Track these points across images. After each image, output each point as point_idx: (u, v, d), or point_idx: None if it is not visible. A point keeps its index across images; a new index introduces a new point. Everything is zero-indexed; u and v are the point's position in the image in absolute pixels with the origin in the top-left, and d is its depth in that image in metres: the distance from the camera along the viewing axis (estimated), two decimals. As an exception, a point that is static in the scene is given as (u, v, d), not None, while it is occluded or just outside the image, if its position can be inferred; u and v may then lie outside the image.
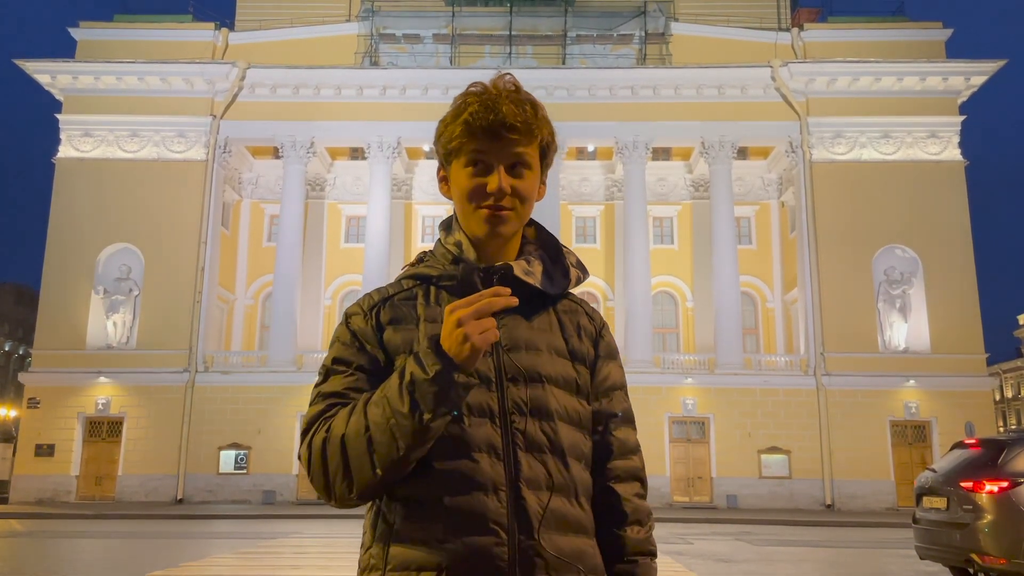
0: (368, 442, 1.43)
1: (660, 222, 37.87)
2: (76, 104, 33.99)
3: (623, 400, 1.72)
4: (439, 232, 1.72)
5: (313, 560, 13.94)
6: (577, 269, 1.72)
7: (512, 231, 1.63)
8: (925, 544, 9.91)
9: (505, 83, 1.61)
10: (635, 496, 1.67)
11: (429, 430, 1.42)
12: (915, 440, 31.38)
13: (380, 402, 1.44)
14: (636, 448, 1.71)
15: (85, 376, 31.58)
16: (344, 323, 1.65)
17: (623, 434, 1.69)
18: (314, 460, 1.48)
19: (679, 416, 31.70)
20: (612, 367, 1.72)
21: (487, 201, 1.58)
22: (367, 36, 35.91)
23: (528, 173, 1.61)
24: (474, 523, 1.47)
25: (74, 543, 17.09)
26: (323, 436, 1.48)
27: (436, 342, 1.42)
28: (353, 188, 37.58)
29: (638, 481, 1.68)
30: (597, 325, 1.73)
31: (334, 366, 1.59)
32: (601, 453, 1.66)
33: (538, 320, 1.64)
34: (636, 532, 1.64)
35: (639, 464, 1.70)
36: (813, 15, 38.33)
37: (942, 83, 33.40)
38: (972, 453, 9.70)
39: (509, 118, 1.56)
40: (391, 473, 1.45)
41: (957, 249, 32.32)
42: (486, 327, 1.40)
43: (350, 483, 1.46)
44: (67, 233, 32.75)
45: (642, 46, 35.84)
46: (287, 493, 31.13)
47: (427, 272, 1.66)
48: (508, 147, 1.58)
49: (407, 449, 1.42)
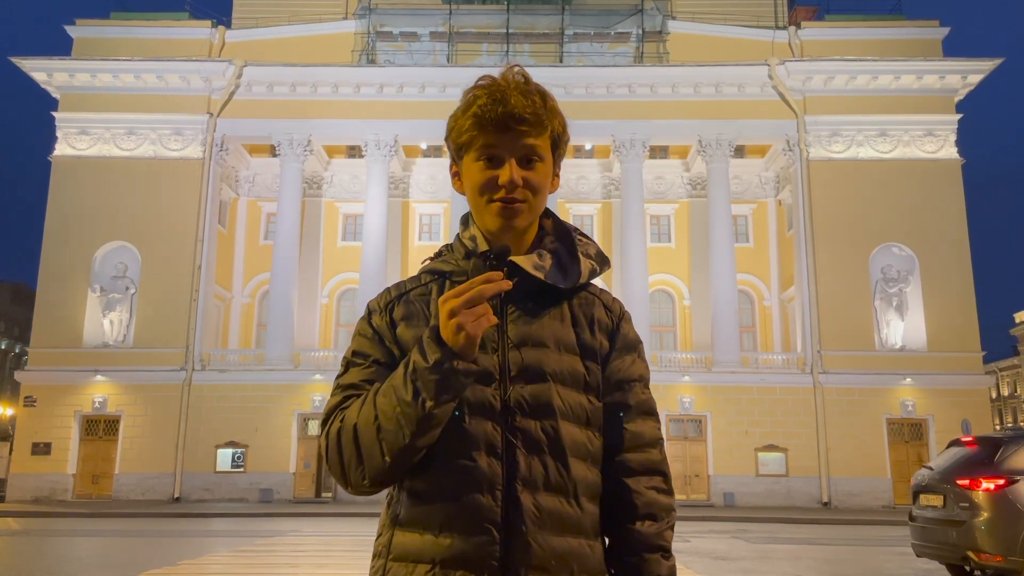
0: (377, 430, 1.46)
1: (657, 220, 37.89)
2: (72, 102, 33.92)
3: (640, 392, 1.68)
4: (459, 226, 1.72)
5: (310, 558, 13.93)
6: (593, 260, 1.69)
7: (525, 223, 1.63)
8: (922, 542, 9.92)
9: (514, 75, 1.60)
10: (649, 490, 1.62)
11: (433, 417, 1.45)
12: (912, 438, 31.44)
13: (387, 391, 1.48)
14: (654, 441, 1.66)
15: (82, 374, 31.53)
16: (366, 318, 1.68)
17: (637, 426, 1.65)
18: (331, 449, 1.53)
19: (676, 414, 31.73)
20: (629, 359, 1.68)
21: (499, 193, 1.58)
22: (364, 34, 35.86)
23: (540, 165, 1.61)
24: (468, 521, 1.48)
25: (71, 542, 17.07)
26: (338, 426, 1.53)
27: (437, 332, 1.44)
28: (350, 186, 37.55)
29: (657, 475, 1.63)
30: (615, 317, 1.69)
31: (353, 358, 1.63)
32: (614, 447, 1.63)
33: (548, 315, 1.62)
34: (646, 527, 1.59)
35: (657, 457, 1.65)
36: (810, 13, 38.35)
37: (939, 81, 33.44)
38: (968, 451, 9.72)
39: (519, 110, 1.56)
40: (400, 460, 1.48)
41: (954, 247, 32.37)
42: (479, 314, 1.41)
43: (363, 471, 1.49)
44: (64, 231, 32.69)
45: (639, 44, 35.84)
46: (284, 491, 31.12)
47: (442, 267, 1.68)
48: (519, 139, 1.58)
49: (412, 436, 1.45)
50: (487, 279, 1.42)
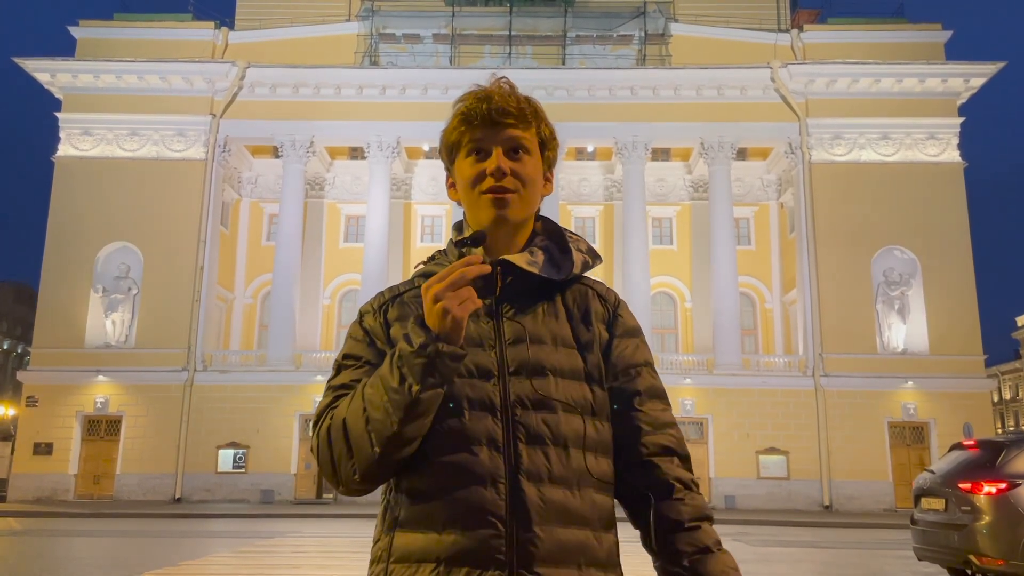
0: (366, 421, 1.46)
1: (659, 222, 37.90)
2: (76, 103, 33.98)
3: (649, 376, 1.67)
4: (452, 232, 1.73)
5: (311, 559, 13.94)
6: (585, 254, 1.70)
7: (518, 215, 1.64)
8: (923, 545, 9.91)
9: (499, 82, 1.67)
10: (678, 467, 1.61)
11: (420, 403, 1.44)
12: (913, 441, 31.42)
13: (374, 382, 1.48)
14: (670, 423, 1.65)
15: (84, 375, 31.56)
16: (357, 321, 1.68)
17: (651, 409, 1.64)
18: (321, 448, 1.52)
19: (677, 416, 31.06)
20: (631, 344, 1.68)
21: (488, 183, 1.61)
22: (367, 36, 35.91)
23: (527, 157, 1.64)
24: (472, 516, 1.47)
25: (72, 542, 17.09)
26: (328, 423, 1.52)
27: (422, 319, 1.46)
28: (352, 187, 37.58)
29: (676, 455, 1.62)
30: (611, 305, 1.70)
31: (345, 361, 1.63)
32: (630, 432, 1.62)
33: (543, 310, 1.64)
34: (691, 497, 1.58)
35: (678, 436, 1.64)
36: (813, 16, 38.38)
37: (941, 85, 33.43)
38: (970, 454, 9.70)
39: (501, 103, 1.62)
40: (389, 449, 1.46)
41: (956, 251, 32.35)
42: (464, 297, 1.42)
43: (353, 464, 1.48)
44: (66, 231, 32.74)
45: (642, 47, 35.86)
46: (285, 492, 31.12)
47: (435, 270, 1.67)
48: (504, 131, 1.62)
49: (400, 423, 1.44)
50: (467, 262, 1.44)
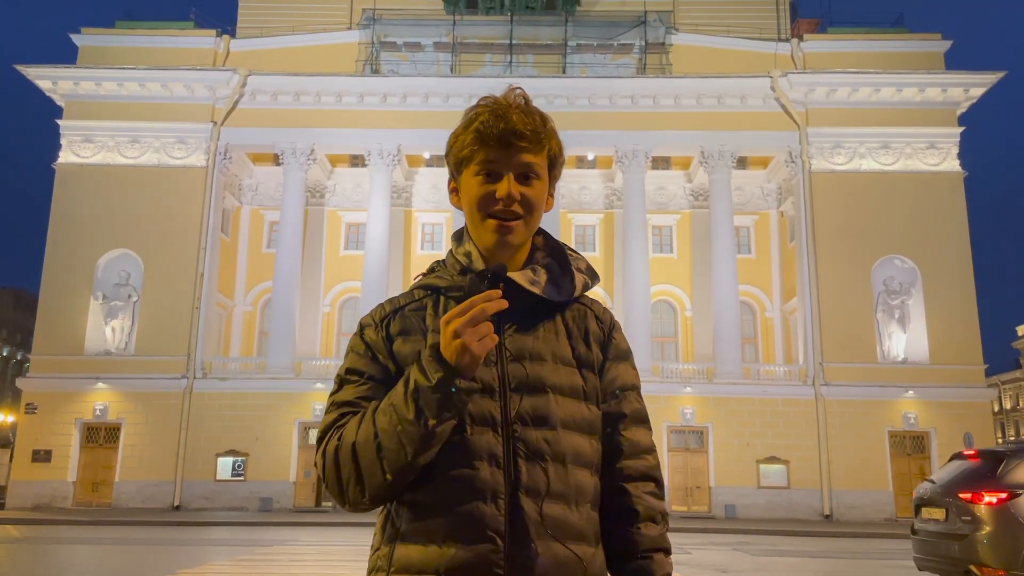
0: (377, 448, 1.48)
1: (659, 231, 37.92)
2: (77, 110, 34.04)
3: (634, 401, 1.73)
4: (451, 243, 1.74)
5: (310, 568, 13.90)
6: (585, 275, 1.74)
7: (520, 240, 1.66)
8: (923, 555, 9.88)
9: (515, 96, 1.66)
10: (648, 494, 1.68)
11: (435, 435, 1.47)
12: (914, 451, 31.35)
13: (387, 410, 1.50)
14: (649, 448, 1.72)
15: (83, 382, 31.51)
16: (358, 334, 1.69)
17: (634, 434, 1.70)
18: (328, 468, 1.54)
19: (677, 425, 31.66)
20: (621, 368, 1.73)
21: (496, 207, 1.61)
22: (368, 44, 36.01)
23: (537, 183, 1.66)
24: (472, 530, 1.50)
25: (70, 549, 17.04)
26: (335, 444, 1.54)
27: (437, 350, 1.47)
28: (353, 195, 37.63)
29: (652, 481, 1.69)
30: (606, 328, 1.74)
31: (347, 376, 1.64)
32: (612, 454, 1.68)
33: (544, 328, 1.66)
34: (650, 529, 1.65)
35: (653, 463, 1.71)
36: (813, 26, 38.46)
37: (941, 94, 33.50)
38: (971, 464, 9.67)
39: (519, 126, 1.61)
40: (401, 477, 1.50)
41: (956, 260, 32.35)
42: (483, 333, 1.44)
43: (362, 488, 1.51)
44: (67, 238, 32.75)
45: (642, 56, 35.94)
46: (284, 500, 31.05)
47: (436, 283, 1.70)
48: (517, 155, 1.62)
49: (415, 454, 1.47)
50: (487, 298, 1.46)
